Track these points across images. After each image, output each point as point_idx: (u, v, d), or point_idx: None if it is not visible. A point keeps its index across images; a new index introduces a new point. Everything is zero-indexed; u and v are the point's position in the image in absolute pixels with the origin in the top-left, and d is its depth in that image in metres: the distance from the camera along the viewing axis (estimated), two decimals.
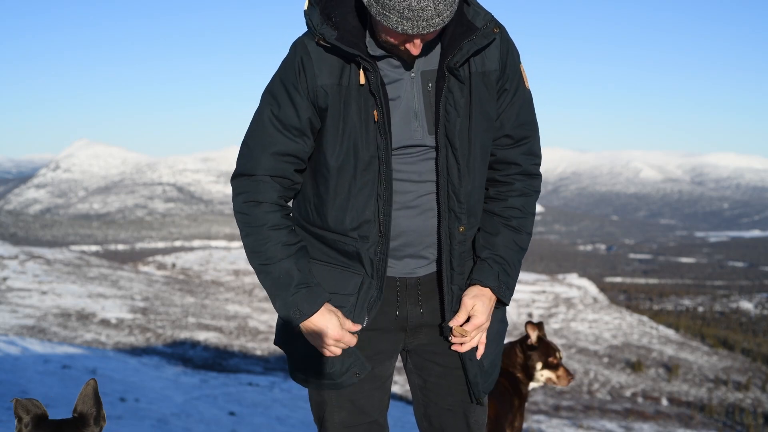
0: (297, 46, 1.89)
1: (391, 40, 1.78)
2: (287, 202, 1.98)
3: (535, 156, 2.04)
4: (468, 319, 1.97)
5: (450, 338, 2.00)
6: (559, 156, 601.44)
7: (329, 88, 1.85)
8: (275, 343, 2.09)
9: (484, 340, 2.00)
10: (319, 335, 1.89)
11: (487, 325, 1.98)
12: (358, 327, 1.94)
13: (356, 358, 1.98)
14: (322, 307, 1.89)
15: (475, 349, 2.02)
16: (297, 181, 1.96)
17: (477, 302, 1.95)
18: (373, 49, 1.85)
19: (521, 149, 2.02)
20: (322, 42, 1.83)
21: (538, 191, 2.08)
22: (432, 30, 1.71)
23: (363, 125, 1.86)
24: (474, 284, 1.99)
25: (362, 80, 1.83)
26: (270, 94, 1.91)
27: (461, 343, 1.98)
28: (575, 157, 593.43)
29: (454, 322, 1.96)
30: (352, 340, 1.92)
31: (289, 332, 2.01)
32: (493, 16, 1.89)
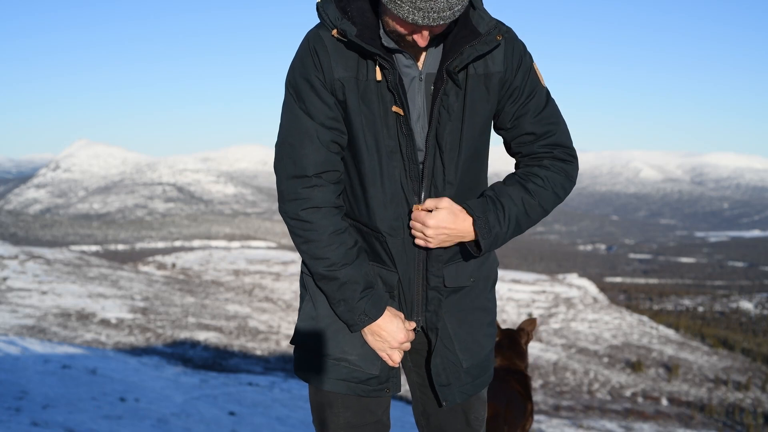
0: (311, 38, 1.88)
1: (399, 29, 1.76)
2: (340, 198, 1.94)
3: (564, 146, 1.98)
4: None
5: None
6: None
7: (346, 81, 1.84)
8: (293, 342, 2.04)
9: (432, 239, 1.87)
10: (383, 339, 1.91)
11: (445, 230, 1.86)
12: (413, 325, 1.96)
13: (395, 374, 1.99)
14: (387, 310, 1.91)
15: (446, 351, 1.99)
16: (342, 171, 1.94)
17: (451, 203, 1.87)
18: (387, 42, 1.84)
19: (546, 142, 1.97)
20: (340, 36, 1.81)
21: (571, 176, 1.98)
22: (442, 23, 1.70)
23: (382, 121, 1.86)
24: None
25: (378, 77, 1.82)
26: (294, 90, 1.89)
27: (416, 228, 1.89)
28: None
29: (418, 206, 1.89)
30: (408, 345, 1.95)
31: (318, 332, 1.98)
32: (498, 23, 1.88)
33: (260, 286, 75.14)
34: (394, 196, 1.90)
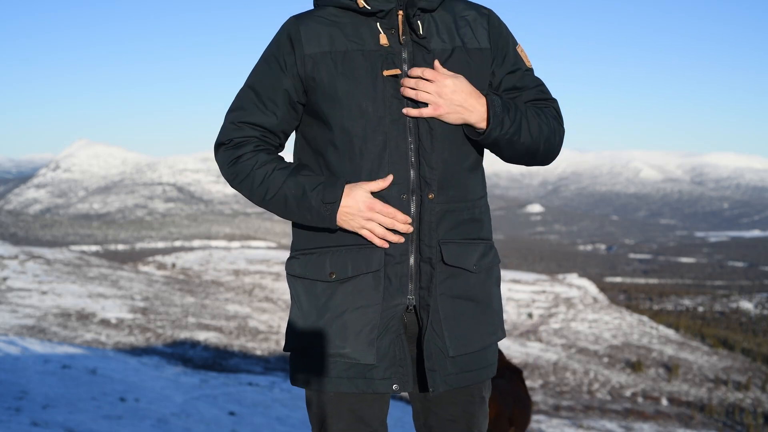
0: (286, 23, 1.94)
1: None
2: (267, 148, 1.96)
3: (555, 105, 2.03)
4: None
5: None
6: (559, 156, 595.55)
7: (317, 57, 1.87)
8: (286, 347, 1.98)
9: (444, 103, 1.84)
10: (352, 213, 1.83)
11: (462, 95, 1.85)
12: (407, 219, 1.86)
13: (403, 369, 1.91)
14: (345, 187, 1.84)
15: (435, 335, 1.90)
16: (273, 144, 1.96)
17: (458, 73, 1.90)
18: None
19: (538, 93, 2.01)
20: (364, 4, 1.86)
21: (560, 130, 1.99)
22: None
23: (371, 89, 1.86)
24: None
25: (384, 41, 1.86)
26: (253, 68, 1.96)
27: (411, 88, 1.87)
28: (575, 157, 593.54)
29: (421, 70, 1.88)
30: (404, 223, 1.85)
31: (307, 328, 1.93)
32: None
33: (260, 286, 75.20)
34: (384, 163, 1.86)
